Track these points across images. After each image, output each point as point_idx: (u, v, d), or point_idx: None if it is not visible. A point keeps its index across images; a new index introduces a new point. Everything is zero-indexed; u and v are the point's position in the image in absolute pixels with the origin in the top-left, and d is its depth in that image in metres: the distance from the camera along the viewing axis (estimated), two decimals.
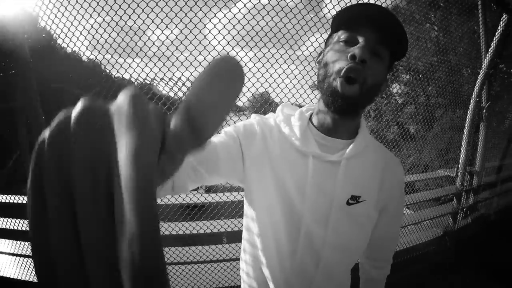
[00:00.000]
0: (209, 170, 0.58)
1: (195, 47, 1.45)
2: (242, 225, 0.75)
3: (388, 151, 0.75)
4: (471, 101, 2.69)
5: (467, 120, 2.72)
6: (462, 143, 2.76)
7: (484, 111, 2.75)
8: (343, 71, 0.55)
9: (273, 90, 1.65)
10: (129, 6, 1.34)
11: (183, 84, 1.56)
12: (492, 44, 2.57)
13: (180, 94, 1.60)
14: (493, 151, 3.37)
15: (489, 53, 2.57)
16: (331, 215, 0.64)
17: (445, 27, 2.61)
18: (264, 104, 1.86)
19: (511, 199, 4.04)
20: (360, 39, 0.56)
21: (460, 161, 2.78)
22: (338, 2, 1.58)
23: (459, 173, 2.79)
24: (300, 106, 0.75)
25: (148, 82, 1.56)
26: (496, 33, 2.55)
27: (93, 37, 1.42)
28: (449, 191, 2.84)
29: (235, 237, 1.89)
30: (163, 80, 1.55)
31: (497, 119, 3.25)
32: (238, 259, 1.65)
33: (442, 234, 2.86)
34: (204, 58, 1.48)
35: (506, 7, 2.46)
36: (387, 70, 0.61)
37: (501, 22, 2.55)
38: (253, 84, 1.60)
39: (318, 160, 0.64)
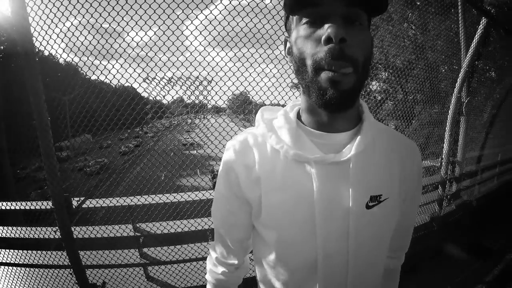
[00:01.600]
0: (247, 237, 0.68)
1: (178, 48, 1.43)
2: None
3: (401, 135, 0.64)
4: (453, 97, 2.80)
5: (449, 114, 2.83)
6: (445, 136, 2.86)
7: (464, 105, 2.86)
8: (324, 63, 0.44)
9: (253, 88, 1.63)
10: (104, 8, 1.31)
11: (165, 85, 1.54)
12: (472, 45, 2.66)
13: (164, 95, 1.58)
14: (471, 144, 3.52)
15: (469, 53, 2.67)
16: (350, 226, 0.52)
17: (422, 26, 2.66)
18: (243, 104, 1.85)
19: (491, 186, 4.25)
20: (328, 13, 0.44)
21: (443, 152, 2.88)
22: None
23: (443, 163, 2.89)
24: (283, 105, 0.64)
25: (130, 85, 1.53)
26: (476, 35, 2.64)
27: (70, 40, 1.38)
28: (435, 180, 2.95)
29: None
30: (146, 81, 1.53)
31: (475, 113, 3.37)
32: None
33: (429, 220, 3.01)
34: (186, 59, 1.45)
35: (481, 8, 2.55)
36: (368, 29, 0.50)
37: (481, 25, 2.63)
38: (233, 83, 1.57)
39: (321, 164, 0.52)
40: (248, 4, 1.49)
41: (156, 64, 1.43)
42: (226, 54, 1.52)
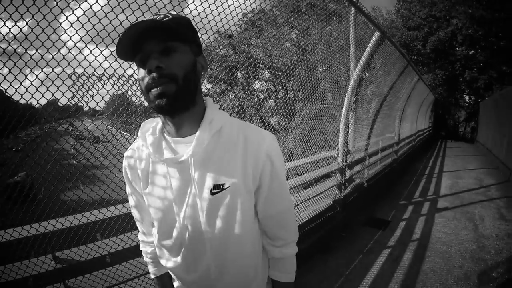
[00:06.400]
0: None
1: (42, 43, 1.20)
2: None
3: (251, 126, 0.75)
4: (346, 96, 3.30)
5: (343, 110, 3.34)
6: (340, 129, 3.35)
7: (353, 103, 3.41)
8: (150, 85, 0.62)
9: (134, 91, 1.49)
10: None
11: None
12: (364, 54, 3.17)
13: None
14: (360, 135, 4.24)
15: (361, 62, 3.17)
16: (199, 209, 0.69)
17: (304, 30, 2.99)
18: (120, 106, 1.65)
19: (376, 169, 5.23)
20: (149, 54, 0.63)
21: (339, 143, 3.37)
22: (202, 3, 1.61)
23: (339, 153, 3.38)
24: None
25: None
26: (368, 47, 3.15)
27: None
28: (334, 167, 3.43)
29: None
30: None
31: (362, 110, 4.06)
32: None
33: (332, 202, 3.49)
34: (53, 57, 1.23)
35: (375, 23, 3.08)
36: (190, 54, 0.67)
37: (373, 38, 3.17)
38: (112, 86, 1.43)
39: (171, 164, 0.69)
40: None
41: (26, 64, 1.18)
42: (101, 52, 1.34)
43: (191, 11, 1.58)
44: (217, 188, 0.68)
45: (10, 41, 1.14)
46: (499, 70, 15.18)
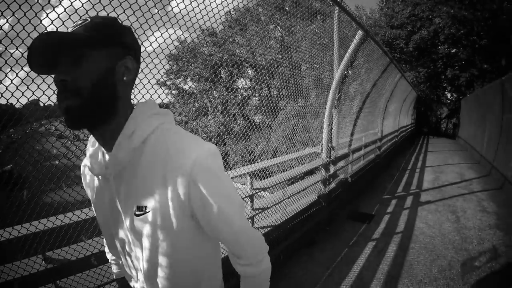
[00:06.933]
0: None
1: (23, 41, 1.18)
2: None
3: (180, 140, 0.63)
4: (330, 93, 3.37)
5: (327, 107, 3.41)
6: (324, 125, 3.42)
7: (337, 100, 3.48)
8: (58, 103, 0.57)
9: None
10: None
11: None
12: (347, 52, 3.23)
13: None
14: (340, 132, 4.34)
15: (344, 60, 3.23)
16: (125, 228, 0.67)
17: (288, 28, 3.03)
18: None
19: (359, 165, 5.36)
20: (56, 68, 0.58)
21: (323, 139, 3.45)
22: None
23: (323, 149, 3.46)
24: None
25: None
26: (351, 45, 3.22)
27: None
28: (319, 163, 3.50)
29: None
30: None
31: (345, 108, 4.15)
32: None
33: (317, 197, 3.57)
34: (22, 55, 1.19)
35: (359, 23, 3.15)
36: (106, 59, 0.59)
37: (357, 36, 3.24)
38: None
39: (102, 178, 0.68)
40: None
41: (6, 62, 1.16)
42: None
43: (172, 8, 1.57)
44: (140, 210, 0.62)
45: None
46: (480, 68, 15.72)
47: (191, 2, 1.67)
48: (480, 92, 9.22)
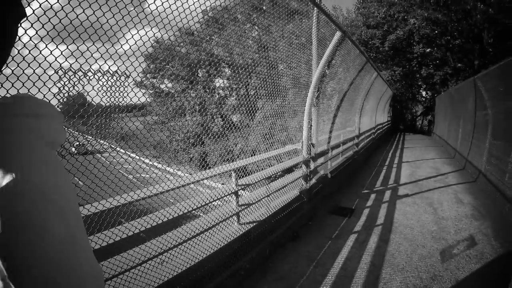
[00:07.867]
0: None
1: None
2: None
3: None
4: (309, 92, 3.42)
5: (306, 105, 3.46)
6: (304, 123, 3.47)
7: (316, 99, 3.54)
8: None
9: (88, 92, 1.42)
10: None
11: None
12: (326, 52, 3.32)
13: None
14: (319, 130, 4.42)
15: (323, 59, 3.31)
16: None
17: (266, 28, 3.07)
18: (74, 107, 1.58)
19: (338, 161, 5.48)
20: None
21: (303, 137, 3.49)
22: None
23: (303, 146, 3.50)
24: None
25: None
26: (330, 46, 3.28)
27: None
28: (299, 159, 3.54)
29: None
30: None
31: (323, 106, 4.23)
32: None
33: (299, 193, 3.62)
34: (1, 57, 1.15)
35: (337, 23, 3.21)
36: None
37: (335, 37, 3.29)
38: (64, 85, 1.35)
39: None
40: None
41: None
42: (57, 47, 1.27)
43: (149, 5, 1.55)
44: None
45: None
46: (454, 67, 16.55)
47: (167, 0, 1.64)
48: (454, 90, 9.67)
